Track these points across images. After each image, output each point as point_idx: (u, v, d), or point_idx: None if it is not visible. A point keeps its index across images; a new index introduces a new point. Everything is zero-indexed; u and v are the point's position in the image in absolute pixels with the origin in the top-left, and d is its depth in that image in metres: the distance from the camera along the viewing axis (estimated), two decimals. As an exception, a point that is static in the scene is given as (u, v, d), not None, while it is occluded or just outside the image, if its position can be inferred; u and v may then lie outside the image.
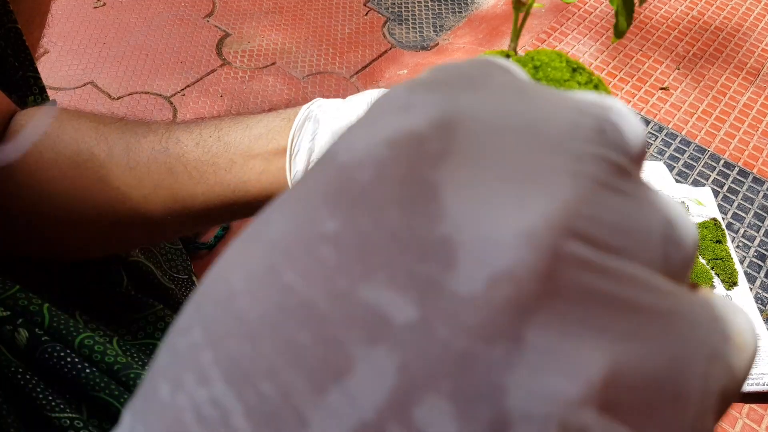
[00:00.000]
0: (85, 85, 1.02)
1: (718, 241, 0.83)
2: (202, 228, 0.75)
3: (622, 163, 0.13)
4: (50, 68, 1.03)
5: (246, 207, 0.45)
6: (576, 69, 0.28)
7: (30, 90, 0.56)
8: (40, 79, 0.56)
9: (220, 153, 0.44)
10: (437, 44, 1.13)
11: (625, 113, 0.14)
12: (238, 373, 0.11)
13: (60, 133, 0.44)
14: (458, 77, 0.14)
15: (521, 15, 0.31)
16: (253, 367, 0.11)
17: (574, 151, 0.12)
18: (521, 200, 0.11)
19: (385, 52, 1.11)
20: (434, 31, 1.16)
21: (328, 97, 1.02)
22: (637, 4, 0.32)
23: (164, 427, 0.11)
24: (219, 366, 0.11)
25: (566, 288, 0.11)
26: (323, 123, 0.44)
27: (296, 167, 0.43)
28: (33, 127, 0.44)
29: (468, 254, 0.11)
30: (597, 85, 0.28)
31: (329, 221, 0.12)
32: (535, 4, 0.31)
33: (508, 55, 0.30)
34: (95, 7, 1.15)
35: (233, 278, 0.12)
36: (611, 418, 0.10)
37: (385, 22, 1.16)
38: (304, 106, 0.44)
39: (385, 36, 1.14)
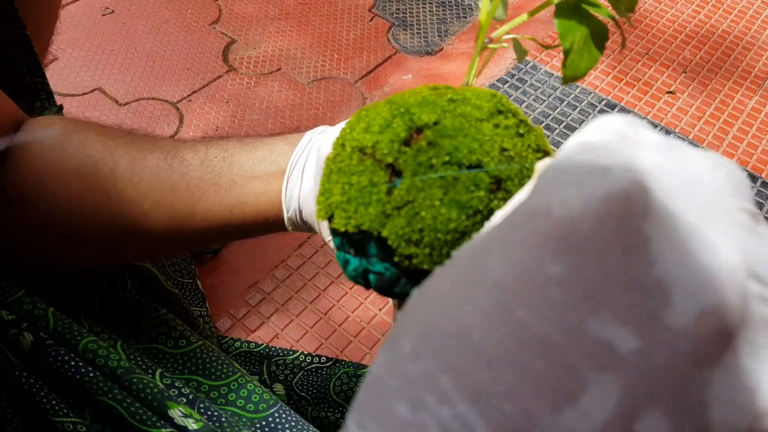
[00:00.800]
0: (93, 91, 1.03)
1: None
2: (198, 247, 0.76)
3: (751, 210, 0.16)
4: (59, 75, 1.04)
5: (241, 229, 0.45)
6: (502, 112, 0.27)
7: (37, 95, 0.56)
8: (47, 84, 0.57)
9: (223, 173, 0.44)
10: (442, 49, 1.14)
11: (736, 169, 0.17)
12: (479, 394, 0.13)
13: (66, 145, 0.44)
14: (622, 137, 0.17)
15: (483, 55, 0.30)
16: (494, 389, 0.13)
17: (729, 205, 0.16)
18: (714, 248, 0.14)
19: (390, 57, 1.11)
20: (439, 36, 1.16)
21: (332, 102, 1.03)
22: (621, 22, 0.30)
23: None
24: (459, 389, 0.13)
25: (752, 319, 0.14)
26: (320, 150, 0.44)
27: (291, 191, 0.43)
28: (38, 135, 0.45)
29: (680, 293, 0.13)
30: (523, 134, 0.27)
31: (554, 265, 0.14)
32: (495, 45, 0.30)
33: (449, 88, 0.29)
34: (103, 15, 1.16)
35: (462, 314, 0.15)
36: None
37: (390, 28, 1.17)
38: (309, 132, 0.45)
39: (389, 41, 1.14)
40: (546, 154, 0.27)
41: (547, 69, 1.10)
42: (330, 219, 0.27)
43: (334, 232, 0.28)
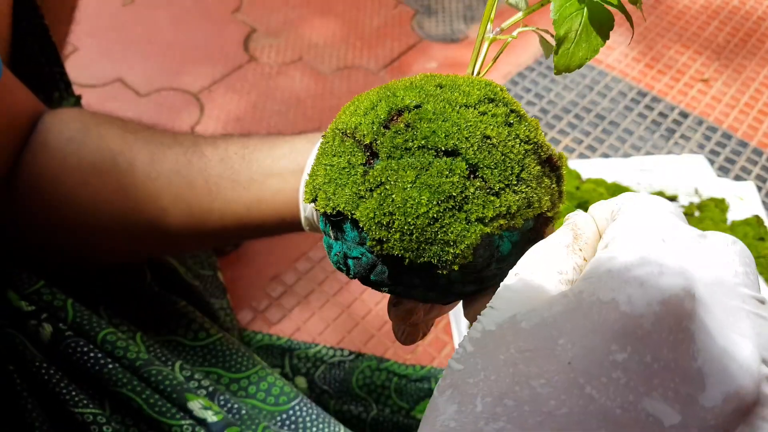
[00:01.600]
0: (113, 82, 1.03)
1: (761, 239, 0.80)
2: (214, 246, 0.75)
3: (759, 297, 0.20)
4: (79, 66, 1.04)
5: (258, 228, 0.44)
6: (493, 101, 0.26)
7: (56, 85, 0.56)
8: (66, 74, 0.56)
9: (242, 170, 0.44)
10: (467, 37, 1.11)
11: (746, 252, 0.22)
12: None
13: (85, 139, 0.44)
14: (660, 234, 0.21)
15: (497, 45, 0.29)
16: None
17: (743, 294, 0.20)
18: (735, 344, 0.18)
19: (414, 45, 1.09)
20: (464, 23, 1.14)
21: (355, 92, 1.01)
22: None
23: None
24: None
25: (764, 397, 0.18)
26: None
27: None
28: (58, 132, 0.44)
29: (712, 381, 0.18)
30: (512, 123, 0.26)
31: (619, 353, 0.18)
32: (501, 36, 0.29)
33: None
34: (124, 5, 1.15)
35: (536, 385, 0.18)
36: None
37: (414, 15, 1.15)
38: None
39: (413, 29, 1.12)
40: (536, 146, 0.26)
41: (574, 57, 1.07)
42: (314, 201, 0.27)
43: (321, 216, 0.28)
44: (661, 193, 0.84)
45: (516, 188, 0.25)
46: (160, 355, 0.47)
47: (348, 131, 0.26)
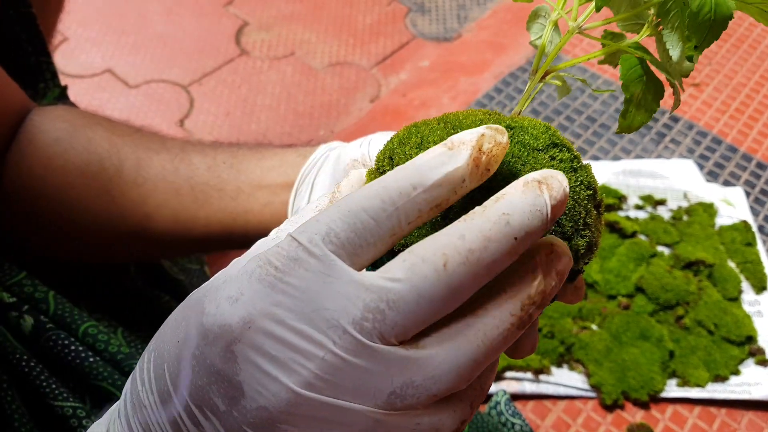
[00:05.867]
0: (103, 72, 1.01)
1: (748, 244, 0.80)
2: (199, 253, 0.75)
3: (297, 329, 0.22)
4: (69, 56, 1.03)
5: (242, 238, 0.44)
6: (557, 145, 0.27)
7: (42, 75, 0.55)
8: (52, 64, 0.55)
9: (230, 180, 0.43)
10: (460, 35, 1.11)
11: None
12: None
13: (72, 141, 0.44)
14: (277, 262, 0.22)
15: (537, 85, 0.29)
16: None
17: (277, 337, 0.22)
18: (269, 372, 0.21)
19: (407, 43, 1.09)
20: (458, 22, 1.13)
21: (346, 89, 1.01)
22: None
23: None
24: None
25: (289, 416, 0.22)
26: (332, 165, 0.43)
27: (298, 204, 0.41)
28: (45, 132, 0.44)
29: (250, 393, 0.21)
30: (576, 169, 0.27)
31: (197, 348, 0.22)
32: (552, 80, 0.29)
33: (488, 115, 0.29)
34: (116, -5, 1.14)
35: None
36: None
37: (408, 13, 1.14)
38: (323, 146, 0.43)
39: (407, 27, 1.12)
40: (594, 191, 0.27)
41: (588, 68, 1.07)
42: None
43: None
44: (649, 197, 0.85)
45: (583, 233, 0.26)
46: (141, 349, 0.47)
47: None
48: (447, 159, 0.22)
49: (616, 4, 0.27)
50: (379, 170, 0.28)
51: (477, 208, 0.22)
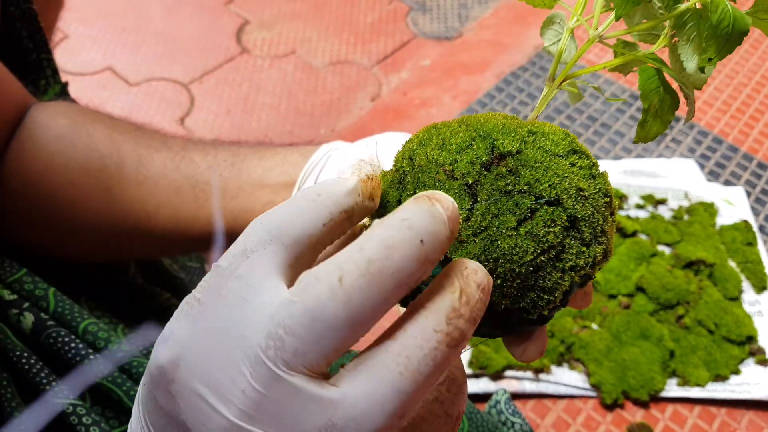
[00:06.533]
0: (103, 70, 1.01)
1: (749, 244, 0.80)
2: (200, 251, 0.75)
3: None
4: (69, 53, 1.03)
5: None
6: (577, 152, 0.27)
7: (43, 72, 0.55)
8: (53, 60, 0.55)
9: (231, 179, 0.43)
10: (461, 35, 1.11)
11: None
12: None
13: (73, 138, 0.44)
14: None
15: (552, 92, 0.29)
16: None
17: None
18: (207, 408, 0.21)
19: (408, 41, 1.09)
20: (459, 21, 1.13)
21: (347, 87, 1.01)
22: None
23: None
24: None
25: None
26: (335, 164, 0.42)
27: None
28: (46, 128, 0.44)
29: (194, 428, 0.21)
30: (595, 176, 0.27)
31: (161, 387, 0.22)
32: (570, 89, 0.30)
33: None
34: (117, -7, 1.14)
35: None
36: None
37: (409, 12, 1.14)
38: (325, 146, 0.43)
39: (408, 25, 1.12)
40: (611, 199, 0.27)
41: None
42: None
43: None
44: (650, 197, 0.85)
45: (600, 239, 0.26)
46: (141, 347, 0.47)
47: (447, 168, 0.26)
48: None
49: (632, 15, 0.28)
50: (397, 171, 0.27)
51: (375, 221, 0.20)
